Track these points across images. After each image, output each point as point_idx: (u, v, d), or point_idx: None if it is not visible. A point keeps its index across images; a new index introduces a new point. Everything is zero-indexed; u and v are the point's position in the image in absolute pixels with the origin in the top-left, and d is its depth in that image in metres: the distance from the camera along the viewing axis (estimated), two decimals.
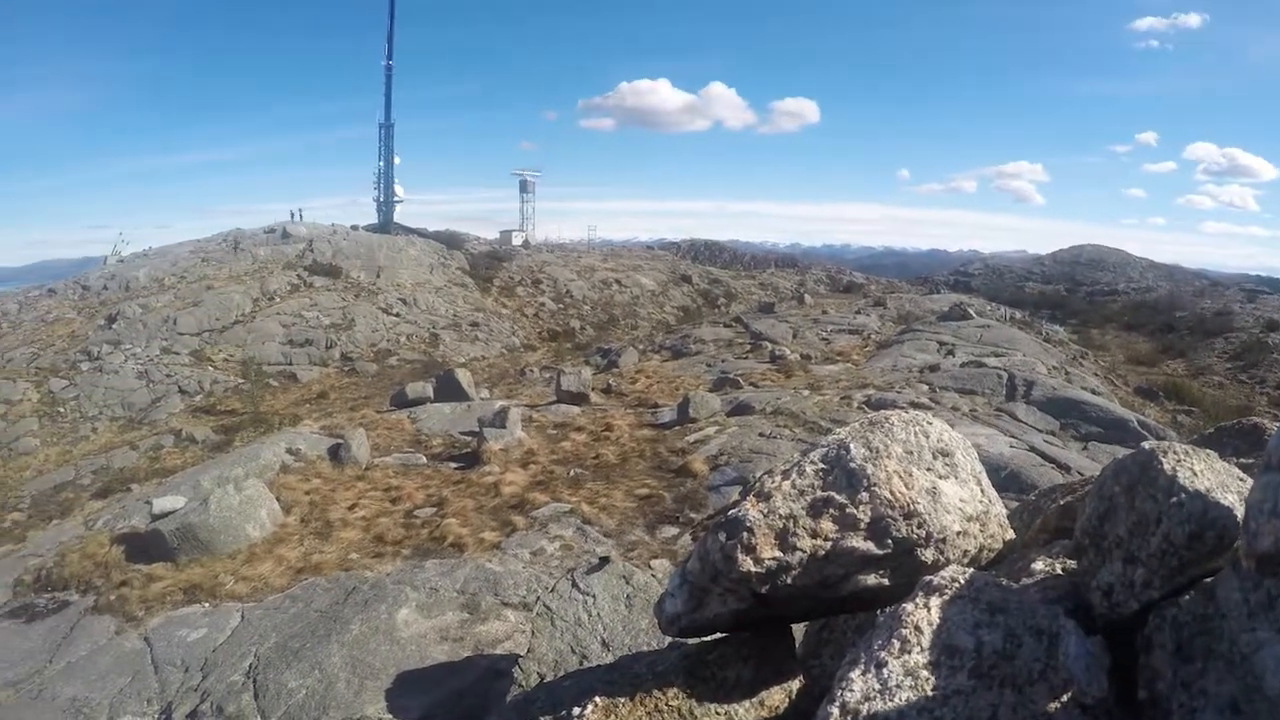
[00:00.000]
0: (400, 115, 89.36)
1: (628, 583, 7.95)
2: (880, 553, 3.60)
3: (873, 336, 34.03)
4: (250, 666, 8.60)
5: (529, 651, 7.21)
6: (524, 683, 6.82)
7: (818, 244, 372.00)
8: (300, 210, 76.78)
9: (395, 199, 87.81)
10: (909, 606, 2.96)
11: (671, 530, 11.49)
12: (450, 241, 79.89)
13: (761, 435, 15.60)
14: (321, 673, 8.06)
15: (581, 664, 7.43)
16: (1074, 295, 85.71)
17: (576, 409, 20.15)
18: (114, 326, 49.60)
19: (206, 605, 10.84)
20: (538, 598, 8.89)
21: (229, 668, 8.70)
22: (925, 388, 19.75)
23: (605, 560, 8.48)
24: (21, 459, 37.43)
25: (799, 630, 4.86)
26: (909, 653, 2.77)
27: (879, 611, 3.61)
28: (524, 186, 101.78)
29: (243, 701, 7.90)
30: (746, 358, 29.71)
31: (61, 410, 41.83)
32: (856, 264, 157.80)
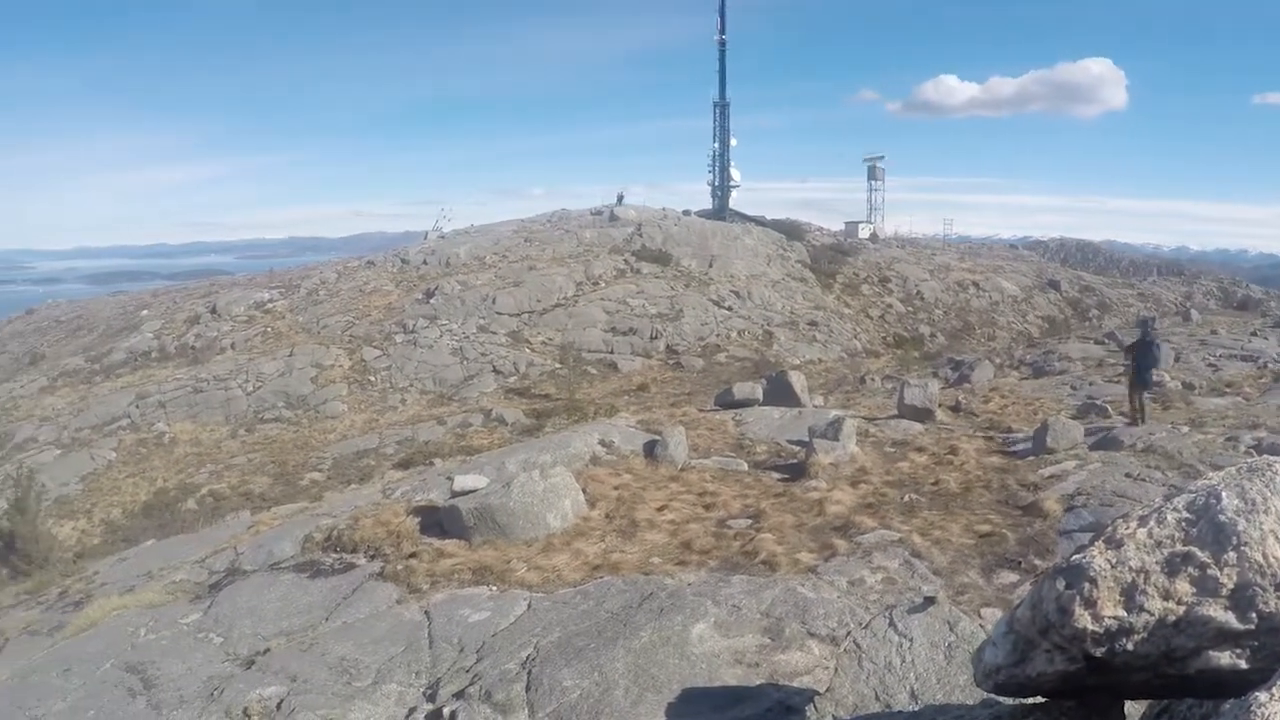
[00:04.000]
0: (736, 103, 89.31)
1: (951, 630, 7.72)
2: (1241, 628, 3.38)
3: (1270, 366, 31.21)
4: (528, 658, 9.01)
5: (828, 690, 7.12)
6: None
7: (1209, 248, 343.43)
8: (622, 194, 78.83)
9: (731, 183, 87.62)
10: (1262, 696, 2.79)
11: (1010, 576, 11.07)
12: (790, 231, 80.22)
13: (1127, 475, 14.67)
14: (601, 676, 8.32)
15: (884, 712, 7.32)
16: None
17: (919, 426, 19.80)
18: (431, 301, 53.08)
19: (494, 589, 11.50)
20: (848, 632, 8.75)
21: (506, 655, 9.18)
22: None
23: (930, 601, 8.24)
24: (327, 422, 40.83)
25: (1133, 710, 4.62)
26: None
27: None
28: (872, 174, 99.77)
29: (513, 691, 8.28)
30: (1118, 382, 28.16)
31: (372, 379, 45.26)
32: (1254, 274, 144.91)
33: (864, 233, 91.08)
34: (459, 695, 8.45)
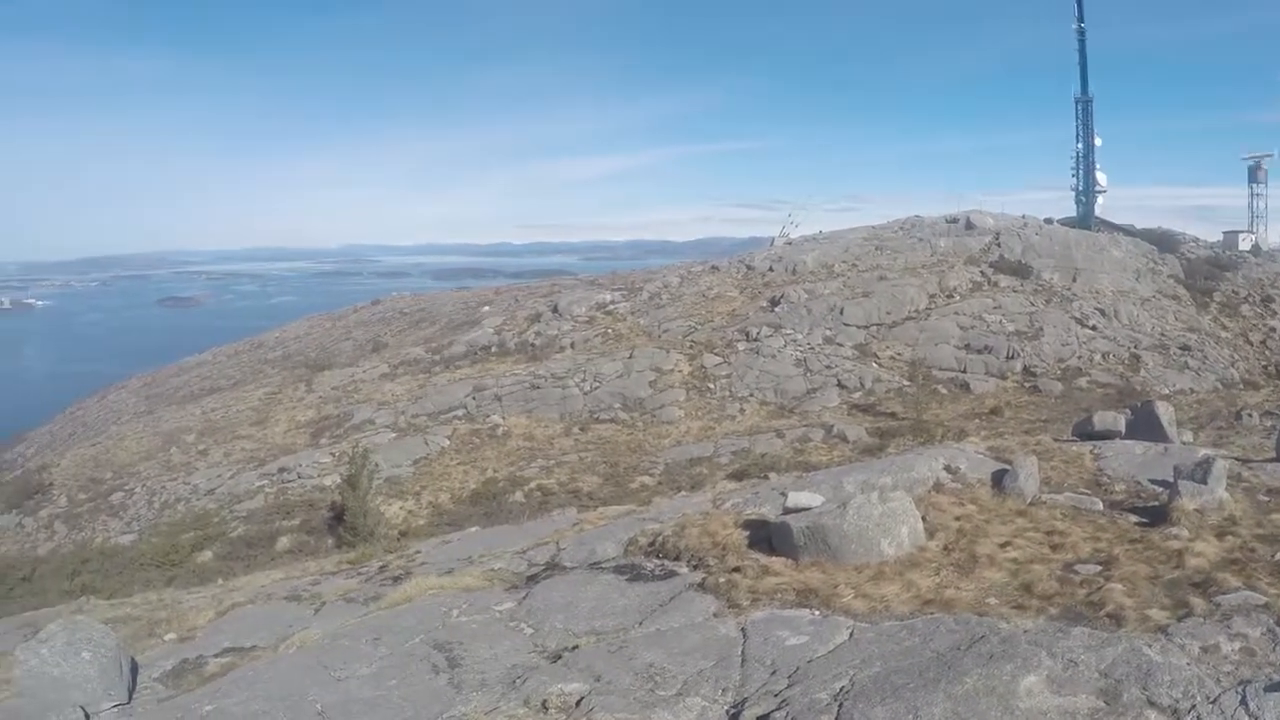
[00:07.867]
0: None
1: None
2: None
3: None
4: (841, 689, 8.82)
5: None
6: None
7: None
8: (981, 200, 77.21)
9: (1097, 188, 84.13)
10: None
11: None
12: (1161, 242, 77.27)
13: None
14: (915, 719, 8.10)
15: None
16: None
17: None
18: (776, 310, 53.95)
19: (816, 613, 11.41)
20: (1193, 705, 8.11)
21: (818, 684, 9.03)
22: None
23: None
24: (662, 427, 42.08)
25: None
26: None
27: None
28: (1253, 175, 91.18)
29: None
30: None
31: (711, 386, 46.33)
32: None
33: (1244, 244, 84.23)
34: (763, 719, 8.42)
